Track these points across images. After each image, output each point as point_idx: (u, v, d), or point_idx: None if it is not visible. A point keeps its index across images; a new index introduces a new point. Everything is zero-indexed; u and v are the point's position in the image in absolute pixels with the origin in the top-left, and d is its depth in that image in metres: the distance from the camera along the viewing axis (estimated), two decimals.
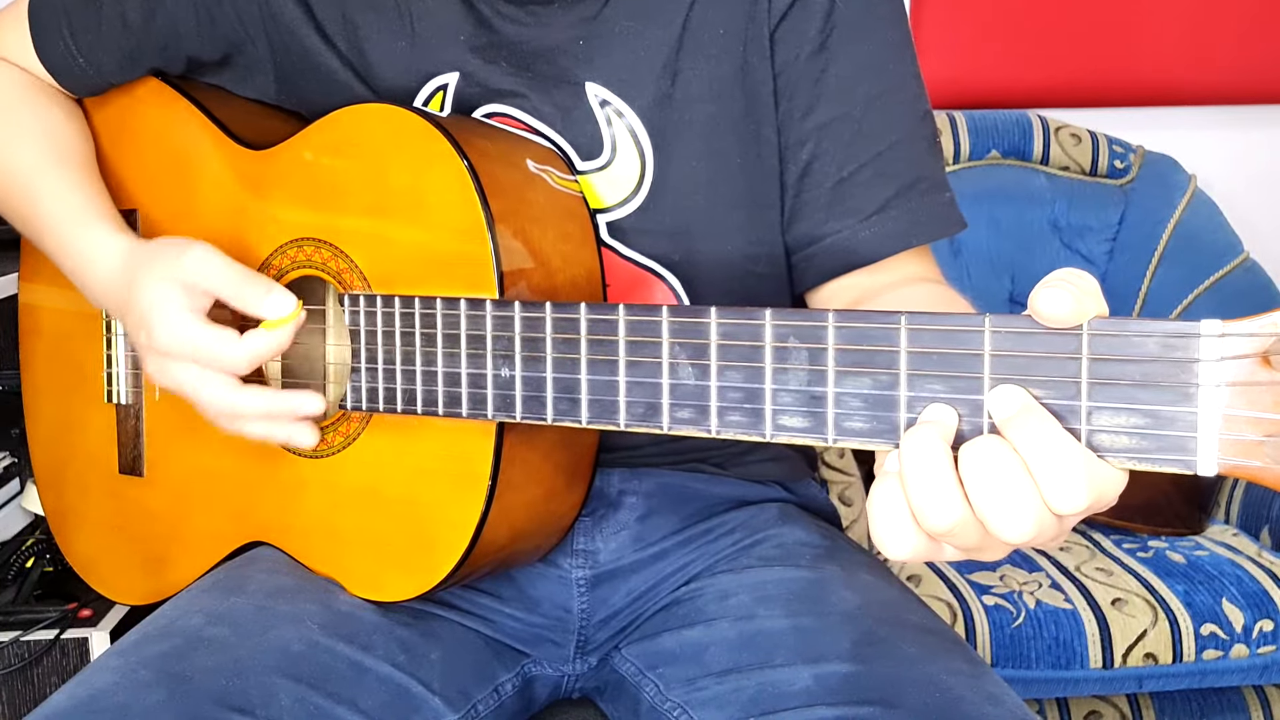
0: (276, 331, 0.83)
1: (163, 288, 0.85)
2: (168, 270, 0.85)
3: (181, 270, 0.85)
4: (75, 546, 1.12)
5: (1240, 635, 1.77)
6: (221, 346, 0.83)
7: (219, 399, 0.85)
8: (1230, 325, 0.49)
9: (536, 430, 0.82)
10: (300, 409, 0.85)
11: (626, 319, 0.67)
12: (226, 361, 0.83)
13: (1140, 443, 0.52)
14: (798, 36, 0.92)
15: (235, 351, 0.83)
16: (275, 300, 0.83)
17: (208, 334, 0.83)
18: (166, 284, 0.85)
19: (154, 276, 0.86)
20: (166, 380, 0.87)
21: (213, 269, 0.84)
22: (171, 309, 0.84)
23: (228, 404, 0.85)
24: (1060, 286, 0.52)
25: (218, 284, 0.84)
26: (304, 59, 0.97)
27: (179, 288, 0.84)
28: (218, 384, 0.84)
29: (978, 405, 0.56)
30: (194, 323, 0.84)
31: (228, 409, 0.85)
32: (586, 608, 0.96)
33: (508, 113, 0.93)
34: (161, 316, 0.84)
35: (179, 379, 0.86)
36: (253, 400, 0.85)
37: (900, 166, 0.92)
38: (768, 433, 0.61)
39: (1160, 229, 2.33)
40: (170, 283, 0.85)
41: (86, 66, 1.02)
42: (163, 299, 0.84)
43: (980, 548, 0.56)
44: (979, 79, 2.47)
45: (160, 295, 0.85)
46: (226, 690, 0.77)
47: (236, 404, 0.85)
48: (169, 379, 0.87)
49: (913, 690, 0.78)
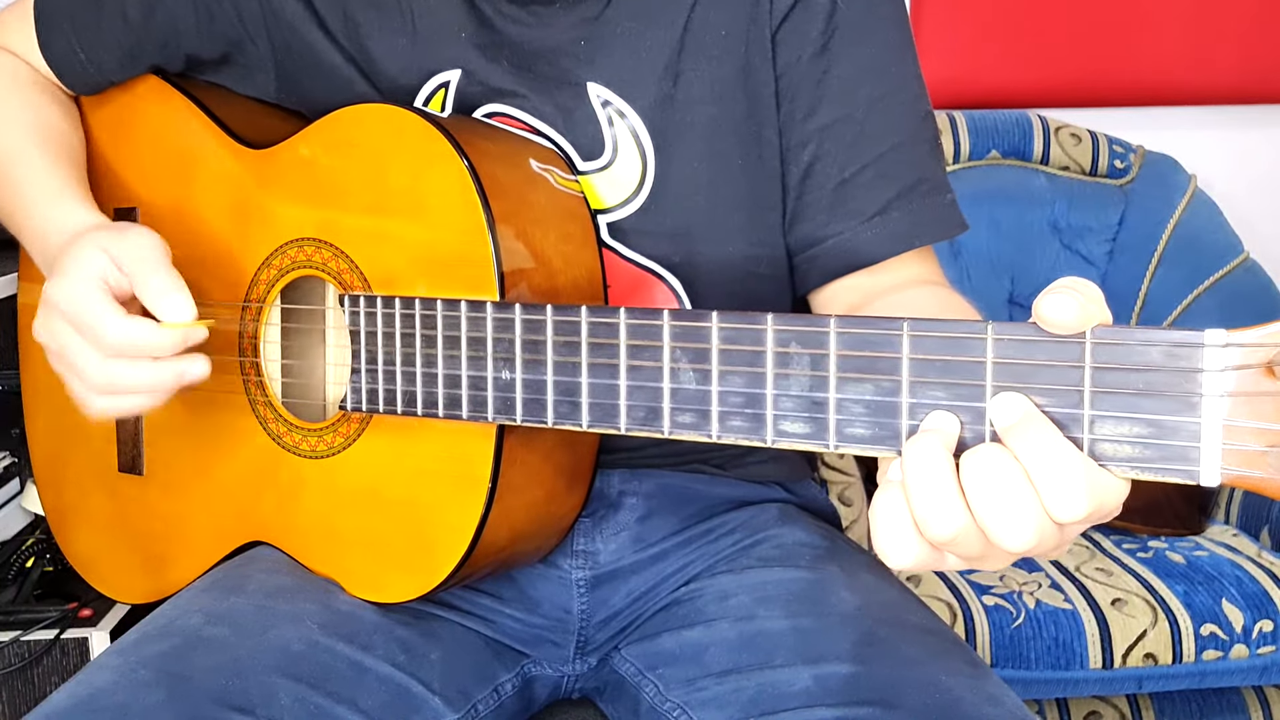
0: (161, 330, 0.82)
1: (91, 251, 0.84)
2: (105, 239, 0.84)
3: (115, 242, 0.84)
4: (75, 545, 1.12)
5: (1240, 636, 1.77)
6: (101, 318, 0.82)
7: (90, 369, 0.83)
8: (1234, 335, 0.49)
9: (537, 432, 0.82)
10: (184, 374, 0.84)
11: (627, 322, 0.67)
12: (98, 334, 0.82)
13: (1142, 452, 0.52)
14: (799, 38, 0.92)
15: (110, 328, 0.81)
16: (172, 301, 0.82)
17: (96, 302, 0.82)
18: (95, 249, 0.84)
19: (90, 240, 0.85)
20: (47, 337, 0.86)
21: (141, 253, 0.84)
22: (84, 270, 0.83)
23: (101, 377, 0.83)
24: (1065, 293, 0.52)
25: (135, 266, 0.83)
26: (305, 56, 0.97)
27: (104, 256, 0.83)
28: (90, 355, 0.83)
29: (980, 413, 0.55)
30: (93, 289, 0.82)
31: (102, 382, 0.83)
32: (586, 608, 0.96)
33: (509, 113, 0.93)
34: (71, 273, 0.83)
35: (56, 336, 0.84)
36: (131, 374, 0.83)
37: (902, 168, 0.92)
38: (769, 438, 0.61)
39: (1160, 229, 2.33)
40: (99, 249, 0.84)
41: (87, 63, 1.02)
42: (83, 258, 0.83)
43: (982, 556, 0.56)
44: (979, 79, 2.47)
45: (84, 255, 0.84)
46: (226, 690, 0.77)
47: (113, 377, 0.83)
48: (48, 335, 0.85)
49: (913, 691, 0.79)
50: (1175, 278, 2.31)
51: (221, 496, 0.97)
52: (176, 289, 0.83)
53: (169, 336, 0.82)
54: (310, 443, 0.91)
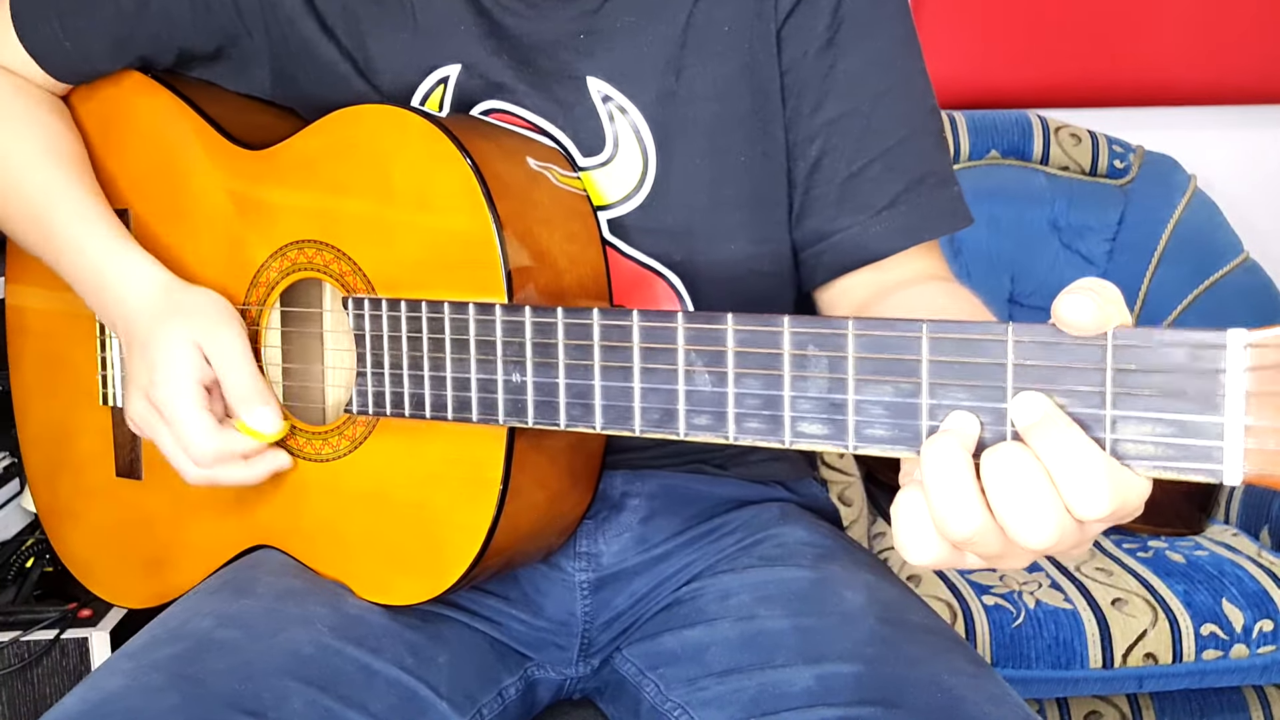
0: (250, 440, 0.89)
1: (184, 347, 0.88)
2: (198, 330, 0.89)
3: (208, 339, 0.89)
4: (71, 549, 1.11)
5: (1240, 635, 1.77)
6: (199, 438, 0.88)
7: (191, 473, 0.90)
8: (1256, 335, 0.49)
9: (546, 434, 0.82)
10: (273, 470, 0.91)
11: (641, 325, 0.67)
12: (195, 452, 0.88)
13: (1165, 451, 0.52)
14: (805, 33, 0.92)
15: (207, 447, 0.88)
16: (263, 414, 0.89)
17: (193, 413, 0.88)
18: (189, 345, 0.88)
19: (178, 328, 0.89)
20: (144, 430, 0.92)
21: (233, 355, 0.89)
22: (182, 371, 0.88)
23: (198, 477, 0.91)
24: (1083, 294, 0.52)
25: (228, 371, 0.88)
26: (303, 50, 0.97)
27: (197, 354, 0.88)
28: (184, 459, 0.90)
29: (1000, 414, 0.55)
30: (190, 396, 0.88)
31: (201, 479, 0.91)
32: (590, 610, 0.96)
33: (508, 109, 0.93)
34: (169, 371, 0.88)
35: (155, 436, 0.91)
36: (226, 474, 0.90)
37: (909, 161, 0.92)
38: (787, 440, 0.61)
39: (1160, 229, 2.34)
40: (192, 345, 0.88)
41: (73, 51, 1.00)
42: (177, 356, 0.88)
43: (1002, 555, 0.56)
44: (979, 79, 2.47)
45: (177, 351, 0.88)
46: (239, 693, 0.77)
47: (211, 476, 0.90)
48: (147, 429, 0.92)
49: (914, 690, 0.79)
50: (1175, 277, 2.31)
51: (223, 500, 0.97)
52: (265, 401, 0.89)
53: (255, 445, 0.90)
54: (315, 446, 0.91)
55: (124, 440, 1.04)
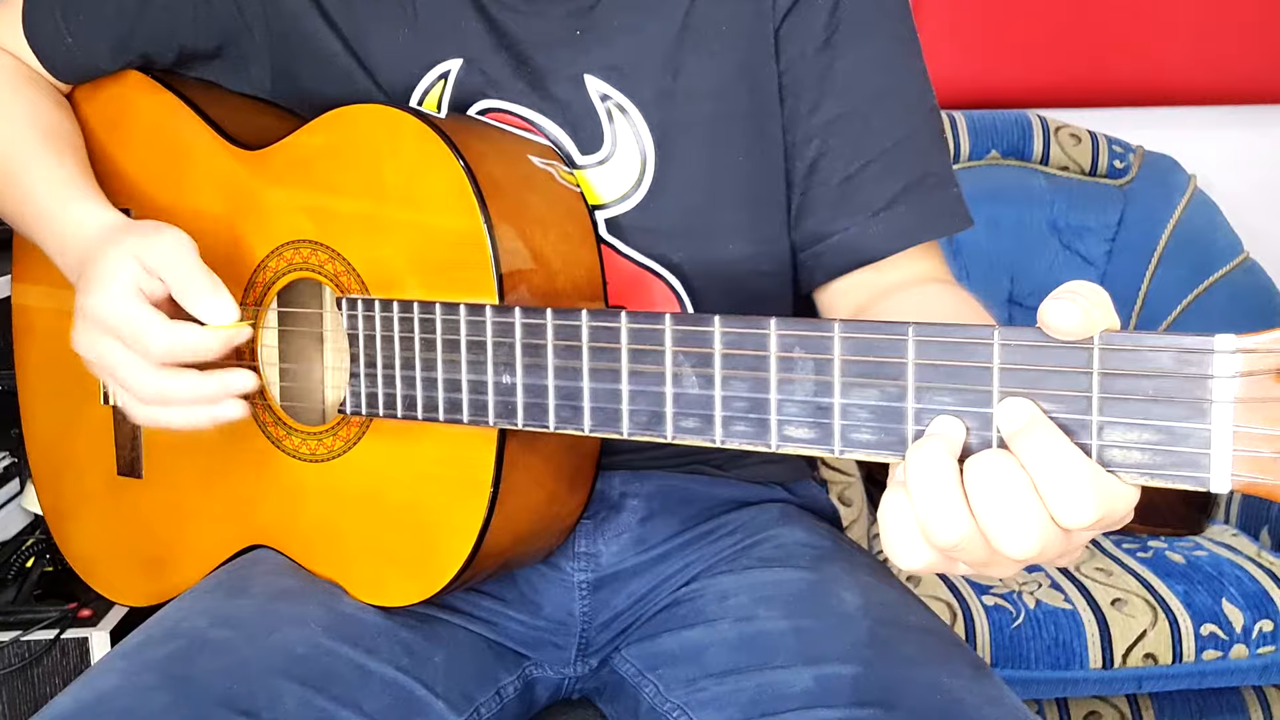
0: (207, 332, 0.81)
1: (121, 259, 0.83)
2: (133, 245, 0.84)
3: (145, 248, 0.83)
4: (74, 547, 1.11)
5: (1240, 635, 1.77)
6: (145, 327, 0.81)
7: (138, 380, 0.82)
8: (1244, 340, 0.48)
9: (539, 435, 0.82)
10: (229, 388, 0.83)
11: (629, 326, 0.66)
12: (145, 344, 0.81)
13: (1152, 458, 0.51)
14: (803, 33, 0.91)
15: (157, 336, 0.81)
16: (216, 303, 0.81)
17: (136, 309, 0.81)
18: (126, 257, 0.83)
19: (119, 247, 0.84)
20: (88, 351, 0.85)
21: (174, 256, 0.83)
22: (119, 280, 0.82)
23: (146, 386, 0.82)
24: (1069, 298, 0.52)
25: (173, 272, 0.83)
26: (303, 46, 0.97)
27: (136, 263, 0.83)
28: (137, 366, 0.82)
29: (986, 418, 0.55)
30: (131, 298, 0.82)
31: (148, 391, 0.83)
32: (588, 610, 0.96)
33: (506, 108, 0.93)
34: (106, 284, 0.83)
35: (101, 352, 0.84)
36: (176, 383, 0.82)
37: (908, 162, 0.92)
38: (773, 443, 0.61)
39: (1160, 229, 2.33)
40: (129, 257, 0.83)
41: (74, 48, 1.01)
42: (115, 268, 0.83)
43: (988, 563, 0.55)
44: (979, 79, 2.47)
45: (115, 265, 0.83)
46: (232, 693, 0.77)
47: (162, 388, 0.82)
48: (91, 350, 0.84)
49: (913, 692, 0.79)
50: (1175, 278, 2.31)
51: (221, 500, 0.97)
52: (216, 290, 0.82)
53: (215, 338, 0.82)
54: (310, 446, 0.91)
55: (125, 439, 1.04)
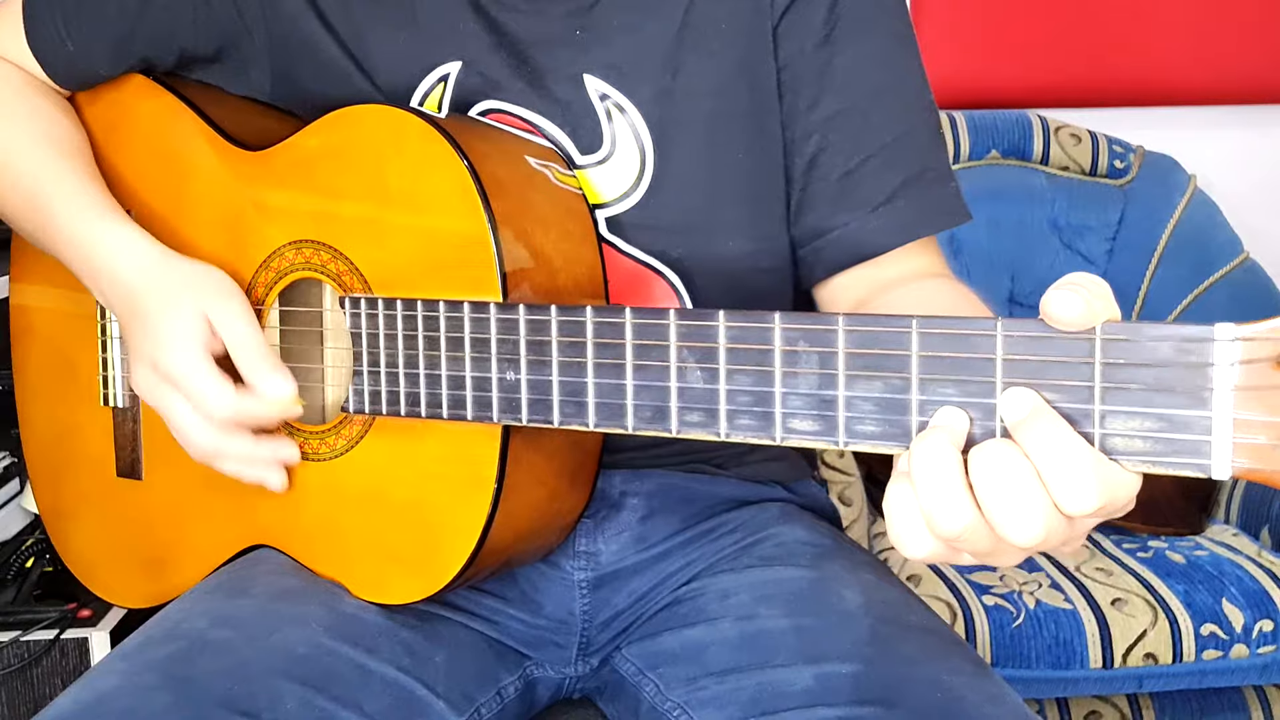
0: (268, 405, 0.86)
1: (190, 316, 0.87)
2: (204, 302, 0.87)
3: (215, 309, 0.87)
4: (73, 549, 1.11)
5: (1240, 635, 1.77)
6: (216, 395, 0.85)
7: (199, 438, 0.87)
8: (1244, 329, 0.49)
9: (542, 432, 0.82)
10: (279, 457, 0.89)
11: (633, 322, 0.67)
12: (211, 410, 0.86)
13: (1154, 446, 0.51)
14: (802, 29, 0.92)
15: (222, 404, 0.85)
16: (276, 381, 0.86)
17: (208, 376, 0.86)
18: (194, 315, 0.87)
19: (186, 300, 0.87)
20: (151, 398, 0.89)
21: (241, 324, 0.87)
22: (188, 339, 0.86)
23: (207, 444, 0.88)
24: (1072, 289, 0.52)
25: (237, 340, 0.86)
26: (303, 49, 0.97)
27: (204, 323, 0.87)
28: (199, 423, 0.87)
29: (990, 409, 0.55)
30: (200, 360, 0.86)
31: (207, 448, 0.88)
32: (589, 609, 0.96)
33: (506, 109, 0.93)
34: (174, 339, 0.86)
35: (166, 405, 0.88)
36: (232, 445, 0.87)
37: (907, 157, 0.92)
38: (778, 436, 0.61)
39: (1160, 229, 2.33)
40: (198, 315, 0.87)
41: (75, 53, 1.01)
42: (183, 325, 0.86)
43: (992, 552, 0.56)
44: (979, 79, 2.47)
45: (183, 321, 0.87)
46: (232, 693, 0.77)
47: (219, 447, 0.88)
48: (155, 399, 0.89)
49: (914, 690, 0.79)
50: (1175, 277, 2.31)
51: (222, 500, 0.97)
52: (278, 367, 0.86)
53: (274, 413, 0.87)
54: (312, 445, 0.91)
55: (124, 441, 1.04)
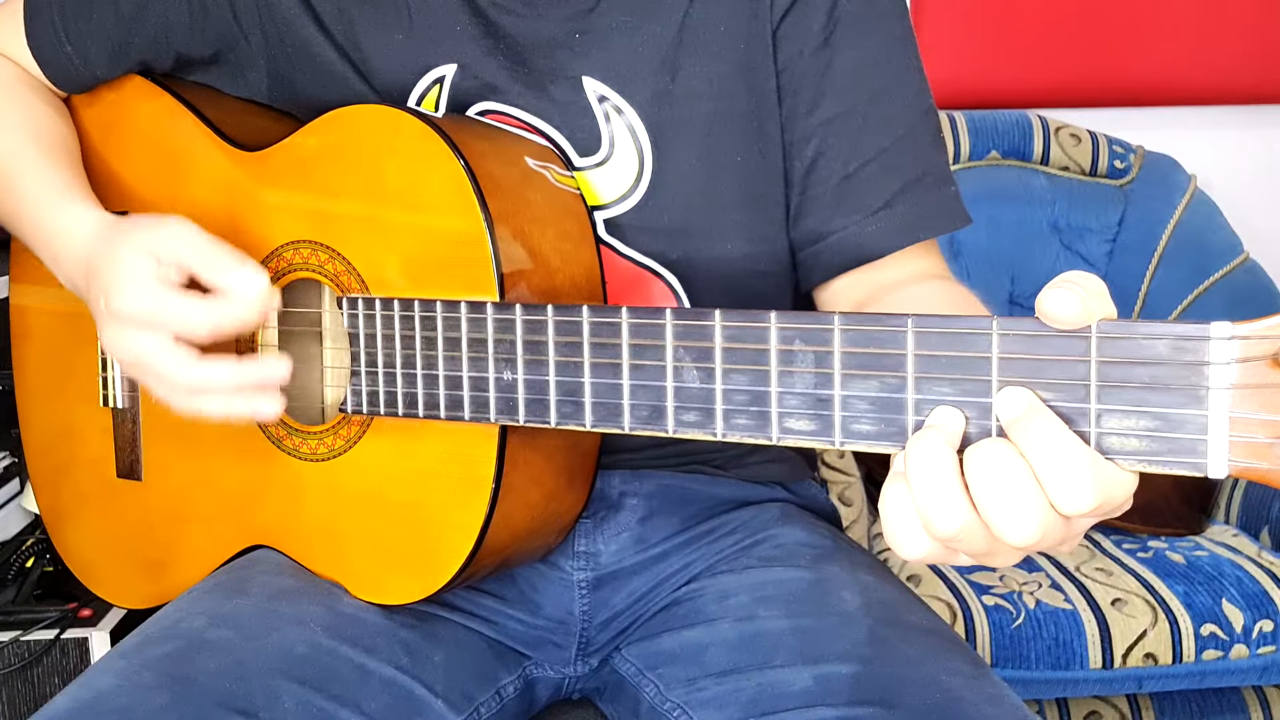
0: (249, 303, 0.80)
1: (134, 256, 0.82)
2: (142, 240, 0.82)
3: (156, 240, 0.82)
4: (73, 550, 1.11)
5: (1240, 635, 1.77)
6: (182, 307, 0.80)
7: (179, 369, 0.81)
8: (1240, 327, 0.49)
9: (539, 432, 0.82)
10: (269, 377, 0.81)
11: (630, 322, 0.67)
12: (189, 324, 0.80)
13: (1150, 445, 0.52)
14: (801, 33, 0.92)
15: (198, 315, 0.79)
16: (245, 272, 0.80)
17: (168, 295, 0.80)
18: (138, 253, 0.82)
19: (127, 245, 0.83)
20: (122, 351, 0.83)
21: (187, 240, 0.82)
22: (140, 275, 0.81)
23: (188, 375, 0.81)
24: (1067, 288, 0.52)
25: (190, 255, 0.81)
26: (299, 52, 0.97)
27: (150, 257, 0.81)
28: (178, 354, 0.80)
29: (985, 408, 0.55)
30: (159, 288, 0.80)
31: (188, 380, 0.81)
32: (588, 610, 0.96)
33: (504, 110, 0.93)
34: (123, 280, 0.81)
35: (137, 347, 0.82)
36: (216, 370, 0.81)
37: (906, 161, 0.92)
38: (774, 435, 0.61)
39: (1160, 229, 2.33)
40: (142, 252, 0.82)
41: (74, 55, 1.01)
42: (131, 266, 0.82)
43: (989, 552, 0.56)
44: (979, 79, 2.47)
45: (129, 263, 0.82)
46: (230, 693, 0.77)
47: (198, 375, 0.81)
48: (125, 349, 0.83)
49: (913, 691, 0.78)
50: (1175, 278, 2.31)
51: (221, 501, 0.97)
52: (242, 260, 0.80)
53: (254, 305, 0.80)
54: (311, 446, 0.91)
55: (124, 441, 1.04)
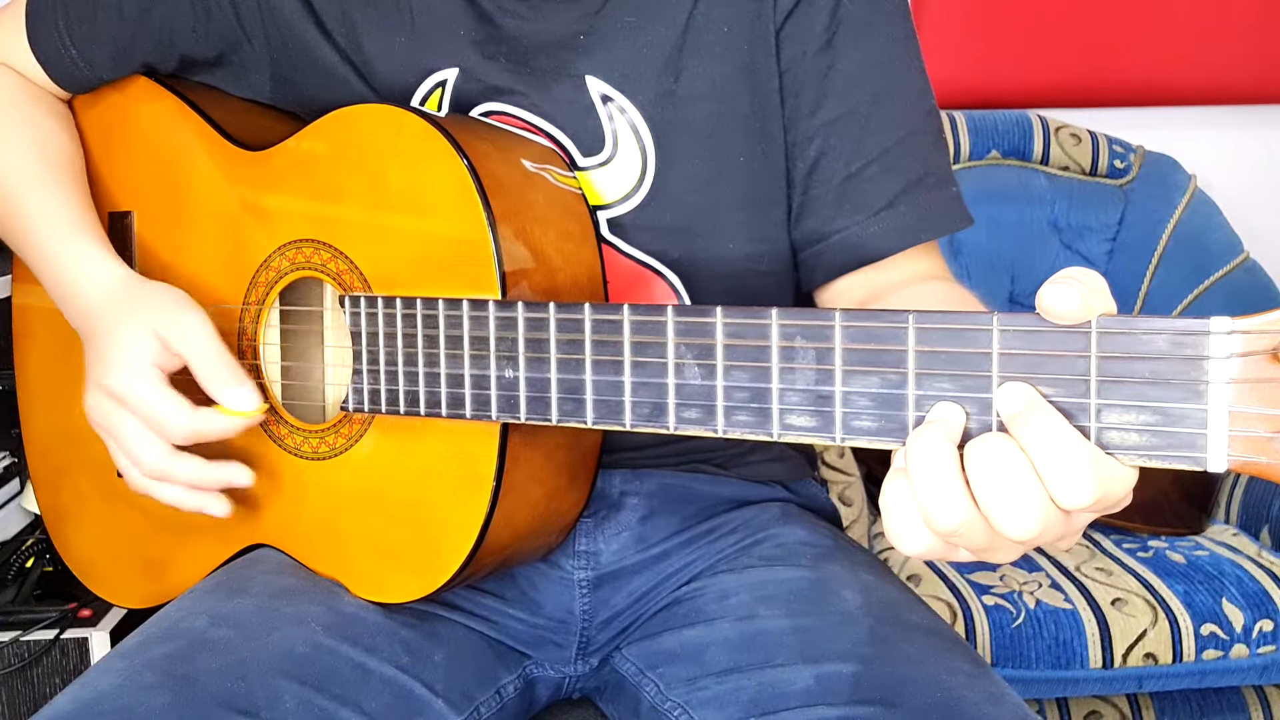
0: (230, 419, 0.85)
1: (140, 334, 0.86)
2: (154, 319, 0.86)
3: (167, 326, 0.86)
4: (73, 549, 1.11)
5: (1240, 635, 1.77)
6: (170, 413, 0.84)
7: (147, 457, 0.86)
8: (1239, 322, 0.49)
9: (540, 431, 0.82)
10: (229, 481, 0.87)
11: (631, 319, 0.67)
12: (168, 429, 0.85)
13: (1149, 440, 0.52)
14: (804, 34, 0.92)
15: (180, 422, 0.85)
16: (239, 394, 0.85)
17: (161, 395, 0.85)
18: (144, 332, 0.86)
19: (137, 320, 0.87)
20: (101, 420, 0.88)
21: (197, 338, 0.86)
22: (138, 360, 0.85)
23: (156, 465, 0.86)
24: (1067, 283, 0.52)
25: (198, 357, 0.86)
26: (301, 55, 0.97)
27: (155, 340, 0.86)
28: (153, 446, 0.86)
29: (986, 404, 0.56)
30: (153, 379, 0.85)
31: (152, 468, 0.86)
32: (589, 609, 0.96)
33: (507, 111, 0.93)
34: (124, 359, 0.86)
35: (116, 426, 0.87)
36: (183, 468, 0.86)
37: (908, 162, 0.92)
38: (775, 432, 0.61)
39: (1160, 229, 2.34)
40: (148, 333, 0.86)
41: (78, 58, 1.01)
42: (134, 344, 0.86)
43: (989, 548, 0.56)
44: (979, 79, 2.47)
45: (133, 340, 0.86)
46: (231, 692, 0.77)
47: (164, 467, 0.86)
48: (104, 421, 0.88)
49: (914, 690, 0.78)
50: (1175, 278, 2.31)
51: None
52: (239, 380, 0.85)
53: (237, 424, 0.86)
54: (312, 444, 0.91)
55: None
